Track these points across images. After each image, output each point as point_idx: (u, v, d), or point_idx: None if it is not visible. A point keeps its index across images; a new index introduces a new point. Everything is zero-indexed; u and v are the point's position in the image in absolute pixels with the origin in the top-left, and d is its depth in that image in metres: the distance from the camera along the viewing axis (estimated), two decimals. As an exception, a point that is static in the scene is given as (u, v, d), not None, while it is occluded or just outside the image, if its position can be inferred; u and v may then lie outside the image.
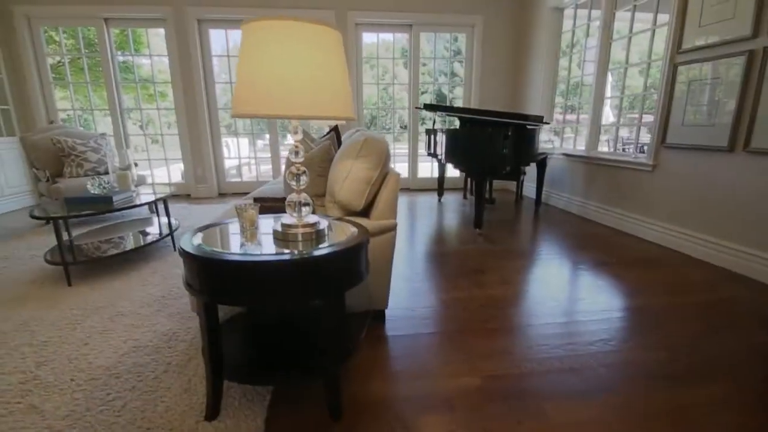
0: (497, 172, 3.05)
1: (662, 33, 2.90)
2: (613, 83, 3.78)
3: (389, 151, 1.68)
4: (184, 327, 1.71)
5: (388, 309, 1.81)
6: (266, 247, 1.11)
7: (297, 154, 1.15)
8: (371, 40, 5.09)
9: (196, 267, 1.03)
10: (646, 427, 1.16)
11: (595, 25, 3.72)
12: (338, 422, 1.17)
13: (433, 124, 4.54)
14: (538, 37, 4.56)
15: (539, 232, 3.31)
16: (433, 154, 4.26)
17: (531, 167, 4.40)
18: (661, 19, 3.01)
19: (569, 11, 4.22)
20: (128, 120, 4.98)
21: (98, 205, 2.28)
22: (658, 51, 2.98)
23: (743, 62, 2.29)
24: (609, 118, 4.79)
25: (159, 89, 5.16)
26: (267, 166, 5.37)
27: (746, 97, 2.29)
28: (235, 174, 5.45)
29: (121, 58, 4.83)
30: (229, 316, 1.47)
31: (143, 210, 3.88)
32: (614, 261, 2.55)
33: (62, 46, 4.84)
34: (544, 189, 4.30)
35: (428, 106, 3.85)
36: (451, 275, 2.34)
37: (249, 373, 1.16)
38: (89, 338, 1.63)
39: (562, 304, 1.97)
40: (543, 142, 3.68)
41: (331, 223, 1.35)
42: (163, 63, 4.78)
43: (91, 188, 2.39)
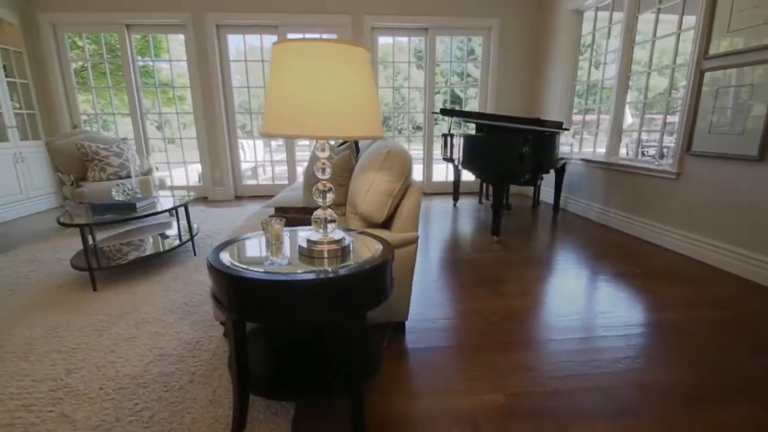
0: (517, 180, 3.02)
1: (687, 36, 2.83)
2: (633, 84, 3.70)
3: (411, 163, 1.67)
4: (207, 336, 1.73)
5: (408, 320, 1.80)
6: (293, 264, 1.11)
7: (324, 171, 1.15)
8: (385, 41, 5.08)
9: (226, 284, 1.04)
10: (677, 452, 1.14)
11: (617, 28, 3.65)
12: (362, 439, 1.18)
13: (449, 129, 4.51)
14: (557, 41, 4.49)
15: (558, 240, 3.27)
16: (449, 158, 4.24)
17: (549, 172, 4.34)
18: (686, 20, 2.93)
19: (589, 14, 4.16)
20: (147, 122, 5.08)
21: (122, 212, 2.33)
22: (684, 52, 2.91)
23: (775, 69, 2.22)
24: (628, 120, 4.70)
25: (178, 93, 5.25)
26: (282, 167, 5.42)
27: (778, 105, 2.22)
28: (251, 176, 5.51)
29: (141, 63, 4.92)
30: (251, 328, 1.49)
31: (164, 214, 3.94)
32: (638, 272, 2.49)
33: (85, 52, 4.96)
34: (562, 194, 4.24)
35: (445, 111, 3.83)
36: (469, 284, 2.33)
37: (275, 388, 1.17)
38: (115, 345, 1.67)
39: (584, 318, 1.94)
40: (561, 145, 3.63)
41: (354, 236, 1.35)
42: (181, 67, 4.86)
43: (116, 195, 2.44)
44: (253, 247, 1.27)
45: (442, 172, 5.51)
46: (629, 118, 4.76)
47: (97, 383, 1.42)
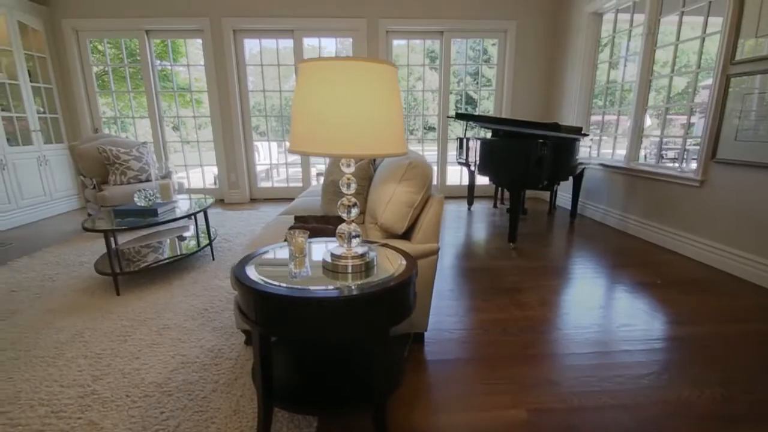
0: (535, 186, 2.99)
1: (713, 41, 2.76)
2: (653, 84, 3.62)
3: (433, 175, 1.66)
4: (228, 343, 1.75)
5: (427, 331, 1.80)
6: (317, 278, 1.12)
7: (349, 186, 1.16)
8: (398, 42, 5.06)
9: (253, 299, 1.05)
10: (707, 476, 1.11)
11: (638, 30, 3.58)
12: (385, 454, 1.18)
13: (464, 132, 4.48)
14: (575, 43, 4.42)
15: (576, 247, 3.22)
16: (464, 162, 4.21)
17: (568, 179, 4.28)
18: (711, 22, 2.85)
19: (609, 16, 4.08)
20: (165, 124, 5.17)
21: (144, 217, 2.37)
22: (707, 51, 2.82)
23: (807, 75, 2.15)
24: (647, 122, 4.60)
25: (195, 96, 5.33)
26: (296, 168, 5.46)
27: (810, 112, 2.15)
28: (265, 177, 5.56)
29: (159, 67, 5.00)
30: (275, 339, 1.50)
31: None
32: (659, 282, 2.44)
33: (106, 56, 5.07)
34: (579, 200, 4.18)
35: (460, 116, 3.81)
36: (488, 293, 2.31)
37: (299, 401, 1.17)
38: (140, 352, 1.70)
39: (604, 330, 1.90)
40: (580, 148, 3.57)
41: (376, 249, 1.35)
42: (199, 70, 4.93)
43: (138, 200, 2.49)
44: (278, 260, 1.28)
45: (456, 175, 5.48)
46: (648, 120, 4.66)
47: (123, 390, 1.45)
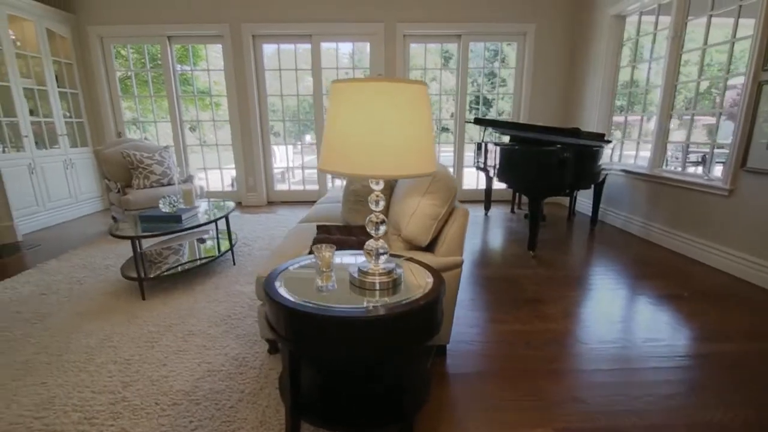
0: (556, 194, 2.94)
1: (743, 45, 2.68)
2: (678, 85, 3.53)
3: (457, 188, 1.66)
4: (252, 352, 1.77)
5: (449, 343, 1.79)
6: (345, 295, 1.12)
7: (377, 203, 1.16)
8: (415, 46, 5.04)
9: (283, 316, 1.06)
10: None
11: (663, 34, 3.50)
12: (411, 471, 1.18)
13: (481, 136, 4.45)
14: (597, 47, 4.34)
15: (598, 255, 3.16)
16: (482, 167, 4.18)
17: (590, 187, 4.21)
18: (742, 22, 2.76)
19: (632, 18, 4.00)
20: (186, 128, 5.26)
21: (169, 224, 2.42)
22: (737, 52, 2.73)
23: None
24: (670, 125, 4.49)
25: (214, 100, 5.41)
26: (311, 170, 5.51)
27: None
28: (281, 179, 5.61)
29: (180, 71, 5.09)
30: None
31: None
32: (686, 295, 2.38)
33: (129, 61, 5.19)
34: (600, 205, 4.10)
35: (479, 121, 3.78)
36: (509, 304, 2.29)
37: (327, 417, 1.18)
38: (166, 359, 1.74)
39: (631, 346, 1.86)
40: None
41: (402, 263, 1.35)
42: (218, 74, 5.00)
43: (163, 206, 2.54)
44: (305, 274, 1.29)
45: (473, 179, 5.44)
46: (671, 123, 4.53)
47: (153, 398, 1.48)
